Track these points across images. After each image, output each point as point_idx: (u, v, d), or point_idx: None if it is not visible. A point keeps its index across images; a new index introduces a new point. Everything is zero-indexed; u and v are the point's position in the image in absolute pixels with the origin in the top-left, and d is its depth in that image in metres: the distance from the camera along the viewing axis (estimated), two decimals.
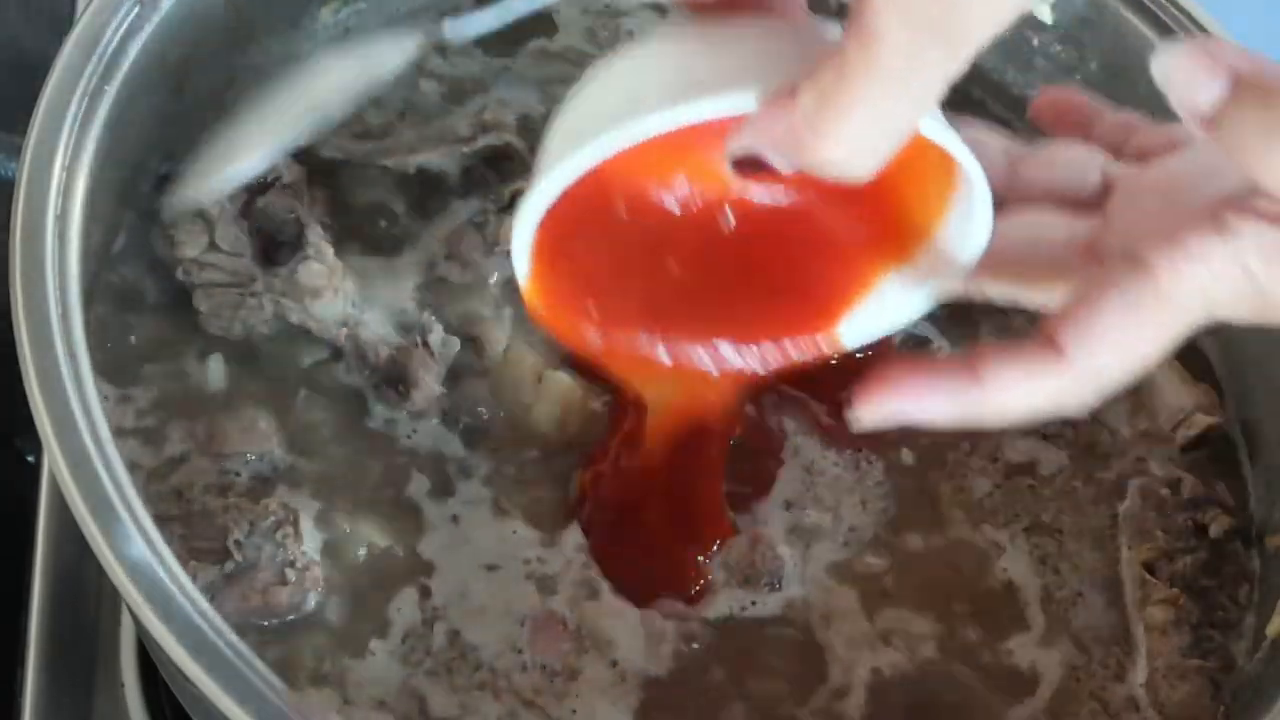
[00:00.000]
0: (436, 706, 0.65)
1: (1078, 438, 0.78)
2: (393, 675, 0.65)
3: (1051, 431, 0.78)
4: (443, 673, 0.66)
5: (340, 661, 0.65)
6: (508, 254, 0.77)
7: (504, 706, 0.65)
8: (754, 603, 0.70)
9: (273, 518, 0.66)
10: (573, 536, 0.70)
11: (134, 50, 0.70)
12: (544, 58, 0.88)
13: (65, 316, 0.61)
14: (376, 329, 0.74)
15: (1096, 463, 0.77)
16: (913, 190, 0.56)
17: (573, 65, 0.88)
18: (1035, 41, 0.87)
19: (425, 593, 0.68)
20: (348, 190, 0.80)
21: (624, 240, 0.59)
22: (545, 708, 0.65)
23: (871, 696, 0.68)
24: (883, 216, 0.58)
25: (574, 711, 0.65)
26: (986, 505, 0.75)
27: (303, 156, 0.78)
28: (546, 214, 0.54)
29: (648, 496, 0.71)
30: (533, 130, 0.84)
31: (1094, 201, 0.56)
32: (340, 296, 0.74)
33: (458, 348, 0.73)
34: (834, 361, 0.71)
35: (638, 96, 0.51)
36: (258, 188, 0.74)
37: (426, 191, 0.81)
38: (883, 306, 0.60)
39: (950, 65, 0.44)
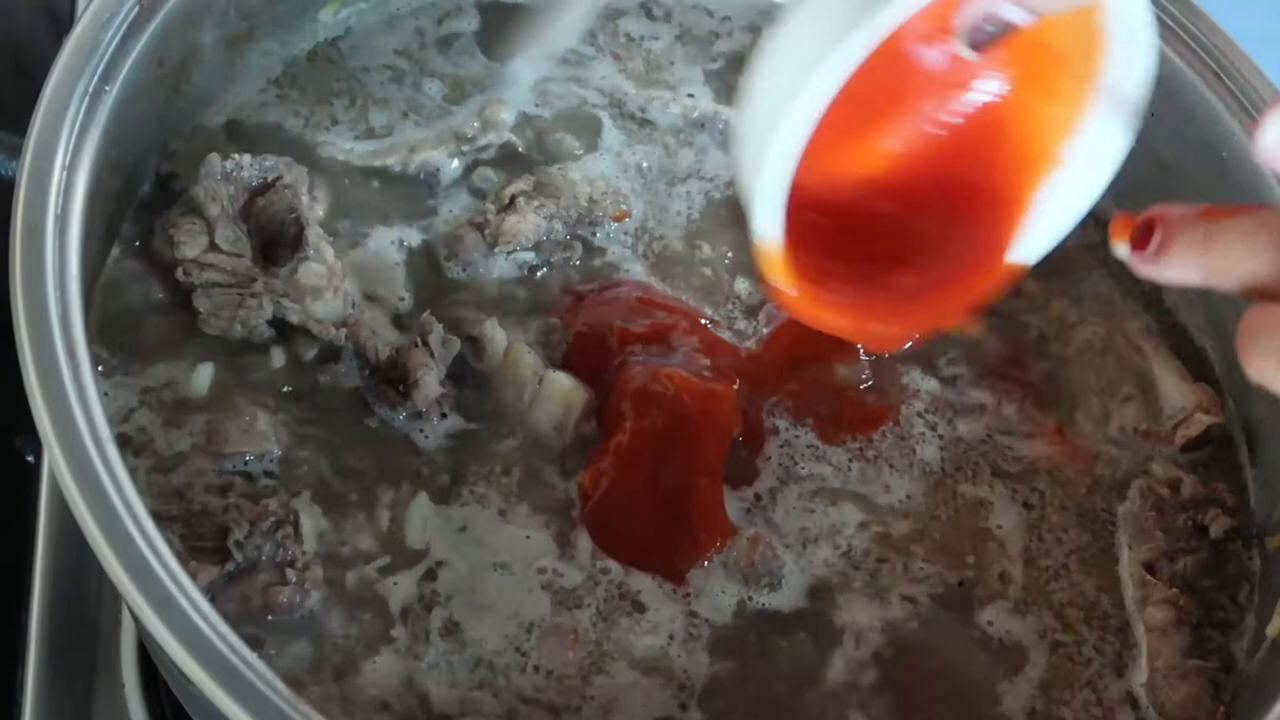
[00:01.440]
0: (438, 704, 0.65)
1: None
2: (395, 674, 0.65)
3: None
4: (444, 668, 0.66)
5: (341, 661, 0.65)
6: (507, 254, 0.78)
7: (503, 704, 0.65)
8: (751, 598, 0.70)
9: (273, 518, 0.66)
10: (584, 544, 0.70)
11: (134, 50, 0.70)
12: (544, 60, 0.88)
13: (65, 316, 0.61)
14: (376, 329, 0.74)
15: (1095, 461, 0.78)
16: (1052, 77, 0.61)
17: (573, 67, 0.88)
18: None
19: (428, 593, 0.68)
20: (348, 190, 0.80)
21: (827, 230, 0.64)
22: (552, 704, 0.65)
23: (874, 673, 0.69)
24: (1027, 130, 0.63)
25: (592, 698, 0.66)
26: (957, 463, 0.76)
27: (303, 156, 0.79)
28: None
29: (648, 496, 0.71)
30: (533, 130, 0.84)
31: None
32: (340, 296, 0.74)
33: (458, 348, 0.73)
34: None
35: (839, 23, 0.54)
36: (258, 188, 0.74)
37: (427, 191, 0.81)
38: (1056, 208, 0.64)
39: None
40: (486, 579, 0.68)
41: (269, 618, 0.65)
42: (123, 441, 0.67)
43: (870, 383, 0.78)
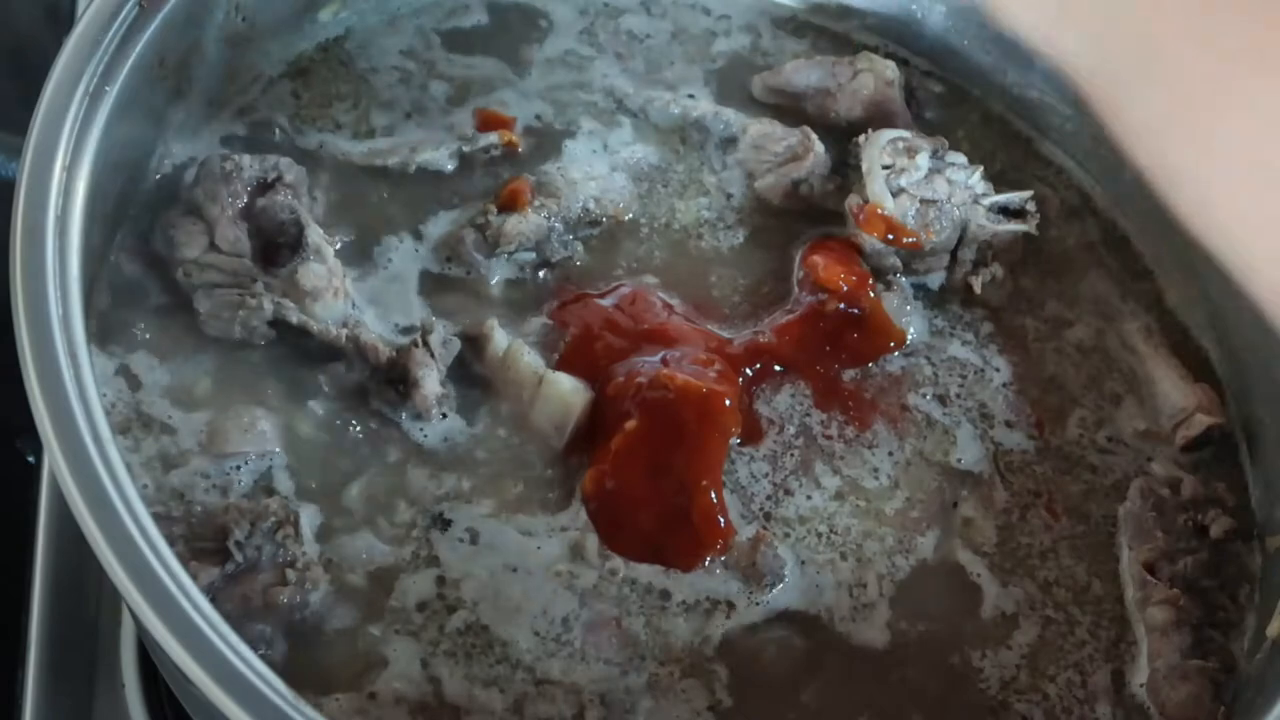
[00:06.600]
0: (448, 692, 0.65)
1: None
2: (398, 675, 0.65)
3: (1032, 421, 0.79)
4: (461, 658, 0.66)
5: (340, 662, 0.65)
6: (508, 254, 0.78)
7: (511, 698, 0.65)
8: (750, 595, 0.70)
9: (273, 518, 0.66)
10: (591, 543, 0.70)
11: (134, 50, 0.70)
12: (544, 60, 0.88)
13: (65, 317, 0.61)
14: (376, 329, 0.74)
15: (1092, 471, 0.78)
16: None
17: (572, 68, 0.88)
18: None
19: (430, 590, 0.68)
20: (349, 191, 0.80)
21: None
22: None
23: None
24: None
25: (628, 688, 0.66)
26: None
27: (303, 157, 0.79)
28: None
29: (649, 497, 0.71)
30: (534, 130, 0.84)
31: None
32: (340, 297, 0.74)
33: (458, 348, 0.73)
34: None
35: None
36: (258, 188, 0.74)
37: (427, 191, 0.81)
38: None
39: None
40: (486, 582, 0.68)
41: (269, 618, 0.64)
42: (122, 441, 0.68)
43: (869, 382, 0.78)
